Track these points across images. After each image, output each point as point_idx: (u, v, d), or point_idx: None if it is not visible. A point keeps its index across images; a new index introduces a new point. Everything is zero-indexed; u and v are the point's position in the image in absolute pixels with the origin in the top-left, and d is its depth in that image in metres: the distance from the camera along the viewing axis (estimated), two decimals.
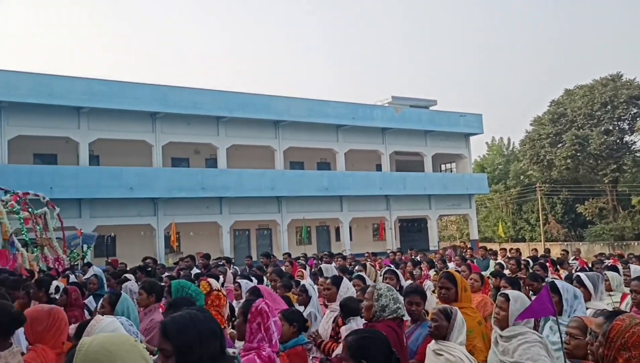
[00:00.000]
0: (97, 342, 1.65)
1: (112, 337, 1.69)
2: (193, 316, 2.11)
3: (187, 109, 26.74)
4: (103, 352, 1.62)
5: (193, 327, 2.06)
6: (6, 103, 22.95)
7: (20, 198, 14.12)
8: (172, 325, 2.07)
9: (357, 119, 31.49)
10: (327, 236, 34.00)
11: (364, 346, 2.82)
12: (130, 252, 23.69)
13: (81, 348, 1.64)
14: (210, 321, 2.14)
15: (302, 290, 5.97)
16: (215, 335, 2.10)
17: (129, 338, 1.69)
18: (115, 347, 1.64)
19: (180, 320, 2.09)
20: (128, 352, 1.65)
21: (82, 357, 1.61)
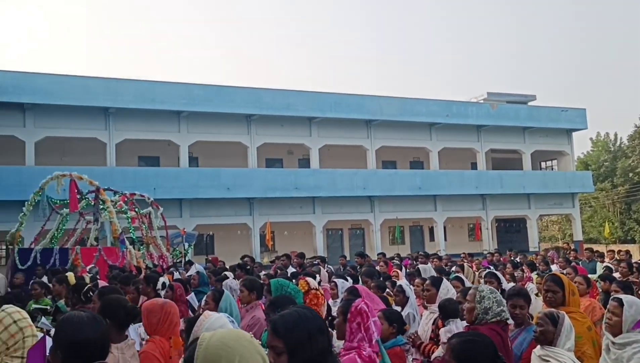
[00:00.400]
0: (216, 337, 1.70)
1: (230, 332, 1.74)
2: (301, 314, 2.14)
3: (280, 111, 27.30)
4: (223, 347, 1.66)
5: (302, 324, 2.10)
6: (113, 109, 24.46)
7: (128, 199, 14.97)
8: (283, 323, 2.11)
9: (451, 116, 30.80)
10: (420, 236, 33.53)
11: (469, 350, 2.73)
12: (228, 250, 24.50)
13: (202, 343, 1.69)
14: (317, 318, 2.16)
15: (400, 290, 5.90)
16: (322, 331, 2.12)
17: (246, 334, 1.73)
18: (234, 342, 1.68)
19: (290, 317, 2.13)
20: (246, 347, 1.68)
21: (204, 352, 1.66)
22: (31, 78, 23.05)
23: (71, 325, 2.25)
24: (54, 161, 22.94)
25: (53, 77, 23.57)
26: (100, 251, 11.80)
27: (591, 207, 47.75)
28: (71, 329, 2.23)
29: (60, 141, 24.18)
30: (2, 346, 2.59)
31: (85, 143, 24.71)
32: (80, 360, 2.18)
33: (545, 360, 3.76)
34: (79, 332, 2.22)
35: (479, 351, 2.73)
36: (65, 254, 11.54)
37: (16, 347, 2.61)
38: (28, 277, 10.02)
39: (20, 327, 2.66)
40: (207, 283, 8.82)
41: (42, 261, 11.22)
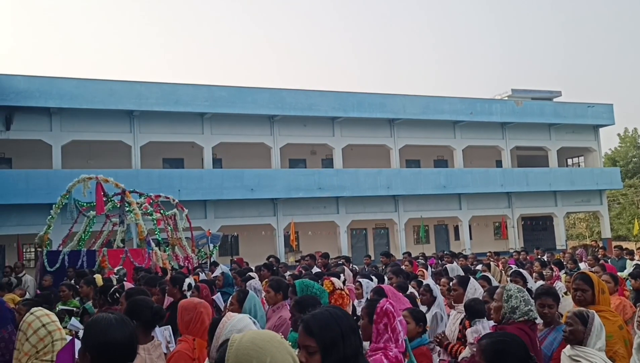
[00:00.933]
0: (247, 338, 1.70)
1: (261, 333, 1.74)
2: (333, 313, 2.13)
3: (303, 111, 27.33)
4: (253, 348, 1.66)
5: (335, 323, 2.09)
6: (138, 112, 24.76)
7: (153, 201, 15.13)
8: (315, 322, 2.10)
9: (475, 114, 30.49)
10: (445, 235, 33.28)
11: (501, 350, 2.69)
12: (252, 251, 24.62)
13: (233, 344, 1.70)
14: (348, 317, 2.15)
15: (427, 289, 5.84)
16: (354, 330, 2.12)
17: (277, 335, 1.73)
18: (265, 342, 1.68)
19: (322, 317, 2.12)
20: (277, 348, 1.68)
21: (235, 352, 1.67)
22: (57, 83, 23.44)
23: (99, 326, 2.27)
24: (80, 164, 23.32)
25: (78, 82, 23.94)
26: (126, 253, 11.94)
27: (619, 204, 46.85)
28: (99, 331, 2.25)
29: (86, 145, 24.55)
30: (32, 350, 2.62)
31: (110, 146, 25.05)
32: (109, 361, 2.19)
33: (575, 360, 3.70)
34: (107, 334, 2.23)
35: (510, 352, 2.69)
36: (93, 256, 11.70)
37: (45, 350, 2.63)
38: (56, 279, 10.18)
39: (49, 331, 2.69)
40: (232, 284, 8.87)
41: (70, 264, 11.38)
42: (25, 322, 2.68)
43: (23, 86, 22.75)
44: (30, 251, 24.03)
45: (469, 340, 4.29)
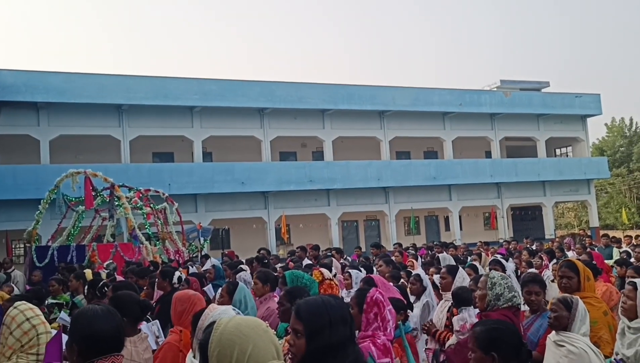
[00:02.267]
0: (232, 323, 1.71)
1: (247, 320, 1.75)
2: (326, 301, 2.17)
3: (293, 104, 27.30)
4: (238, 334, 1.68)
5: (325, 310, 2.12)
6: (127, 106, 24.60)
7: (143, 194, 15.07)
8: (306, 307, 2.14)
9: (464, 105, 30.59)
10: (436, 226, 33.43)
11: (494, 338, 2.73)
12: (244, 244, 24.62)
13: (218, 328, 1.71)
14: (341, 307, 2.18)
15: (416, 279, 5.89)
16: (345, 321, 2.14)
17: (262, 323, 1.74)
18: (250, 330, 1.70)
19: (314, 303, 2.16)
20: (260, 336, 1.70)
21: (219, 337, 1.68)
22: (44, 77, 23.23)
23: (86, 318, 2.28)
24: (69, 159, 23.16)
25: (66, 76, 23.74)
26: (116, 247, 11.92)
27: (607, 193, 47.25)
28: (86, 322, 2.26)
29: (74, 139, 24.39)
30: (16, 344, 2.61)
31: (99, 141, 24.90)
32: (96, 353, 2.20)
33: (560, 345, 3.75)
34: (94, 325, 2.24)
35: (503, 339, 2.73)
36: (82, 251, 11.67)
37: (30, 343, 2.63)
38: (46, 274, 10.15)
39: (33, 325, 2.68)
40: (223, 277, 8.88)
41: (60, 259, 11.34)
42: (9, 316, 2.68)
43: (9, 80, 22.52)
44: (19, 247, 23.89)
45: (455, 327, 4.34)
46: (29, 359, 2.60)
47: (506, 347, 2.70)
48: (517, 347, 2.72)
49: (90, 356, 2.20)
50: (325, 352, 2.10)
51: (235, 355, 1.65)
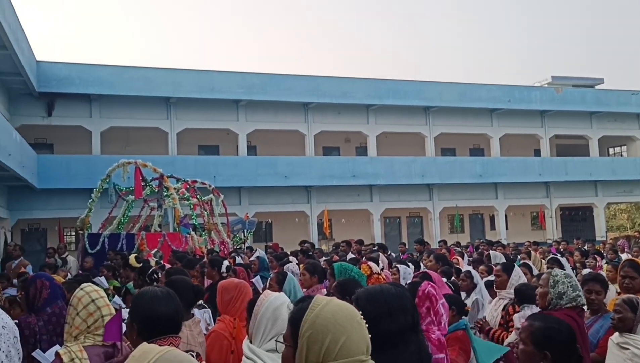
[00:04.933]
0: (329, 309, 1.65)
1: (344, 308, 1.68)
2: (385, 290, 2.11)
3: (337, 98, 27.25)
4: (333, 322, 1.63)
5: (383, 299, 2.06)
6: (175, 99, 25.03)
7: (190, 186, 15.29)
8: (364, 296, 2.09)
9: (513, 102, 29.94)
10: (480, 225, 32.86)
11: (550, 336, 2.62)
12: (286, 238, 24.71)
13: (314, 308, 1.66)
14: (402, 296, 2.10)
15: (467, 275, 5.76)
16: (405, 309, 2.07)
17: (357, 314, 1.68)
18: (346, 320, 1.64)
19: (372, 291, 2.11)
20: (355, 328, 1.64)
21: (313, 319, 1.63)
22: (96, 70, 23.83)
23: (146, 299, 2.29)
24: (118, 150, 23.71)
25: (117, 69, 24.29)
26: (164, 236, 12.10)
27: None
28: (146, 303, 2.27)
29: (124, 131, 24.98)
30: (83, 324, 2.65)
31: (147, 132, 25.42)
32: (155, 333, 2.21)
33: (623, 347, 3.61)
34: (153, 306, 2.26)
35: (559, 339, 2.63)
36: (132, 239, 11.90)
37: (96, 325, 2.66)
38: (97, 261, 10.40)
39: (98, 306, 2.71)
40: (267, 268, 8.92)
41: (110, 246, 11.61)
42: (76, 297, 2.72)
43: (64, 73, 23.20)
44: (70, 235, 24.62)
45: (516, 325, 4.21)
46: (95, 340, 2.63)
47: (561, 348, 2.61)
48: (571, 349, 2.62)
49: (149, 336, 2.21)
50: (384, 341, 2.05)
51: (327, 343, 1.60)
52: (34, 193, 22.10)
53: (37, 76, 22.34)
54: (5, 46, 17.26)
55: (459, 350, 4.15)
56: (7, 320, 2.10)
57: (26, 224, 24.21)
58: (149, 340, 2.18)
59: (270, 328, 2.63)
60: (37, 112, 23.46)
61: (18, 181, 19.86)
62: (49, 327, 3.30)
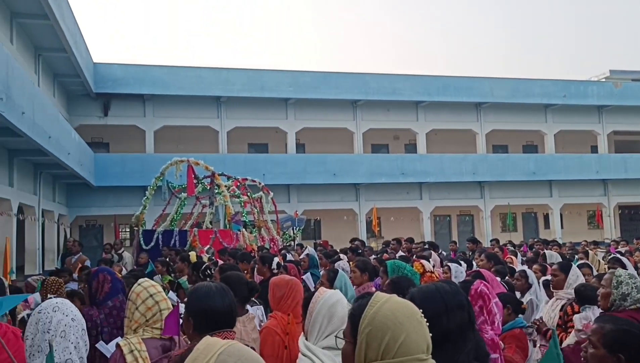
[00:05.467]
0: (389, 306, 1.64)
1: (404, 306, 1.67)
2: (440, 288, 2.07)
3: (386, 96, 27.10)
4: (393, 320, 1.62)
5: (439, 297, 2.03)
6: (225, 98, 25.42)
7: (240, 183, 15.51)
8: (420, 294, 2.06)
9: (568, 97, 29.06)
10: (534, 224, 32.04)
11: (624, 340, 2.52)
12: (334, 235, 24.75)
13: (374, 305, 1.65)
14: (457, 293, 2.07)
15: (522, 275, 5.62)
16: (462, 306, 2.03)
17: (418, 312, 1.66)
18: (406, 319, 1.63)
19: (427, 289, 2.08)
20: (415, 327, 1.63)
21: (373, 315, 1.63)
22: (149, 70, 24.46)
23: (201, 294, 2.33)
24: (171, 148, 24.27)
25: (169, 69, 24.85)
26: (216, 233, 12.31)
27: None
28: (201, 298, 2.31)
29: (176, 130, 25.54)
30: (142, 318, 2.73)
31: (198, 131, 25.92)
32: (210, 327, 2.25)
33: None
34: (208, 301, 2.29)
35: (632, 342, 2.53)
36: (184, 236, 12.15)
37: (154, 319, 2.73)
38: (151, 257, 10.66)
39: (156, 301, 2.78)
40: (316, 266, 8.93)
41: (164, 243, 11.88)
42: (134, 292, 2.80)
43: (119, 73, 23.92)
44: (125, 231, 25.36)
45: (576, 326, 4.08)
46: (154, 333, 2.70)
47: (635, 351, 2.50)
48: None
49: (205, 330, 2.25)
50: (443, 339, 2.02)
51: (387, 340, 1.60)
52: (91, 191, 22.89)
53: (94, 77, 23.11)
54: (64, 49, 17.94)
55: (515, 348, 4.05)
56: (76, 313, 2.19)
57: (84, 221, 25.09)
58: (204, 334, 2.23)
59: (326, 326, 2.63)
60: (94, 113, 24.27)
61: (76, 179, 20.60)
62: (109, 319, 3.40)
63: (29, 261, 17.41)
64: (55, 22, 15.86)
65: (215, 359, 1.38)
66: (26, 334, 2.14)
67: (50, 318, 2.14)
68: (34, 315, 2.15)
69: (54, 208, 20.19)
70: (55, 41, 17.31)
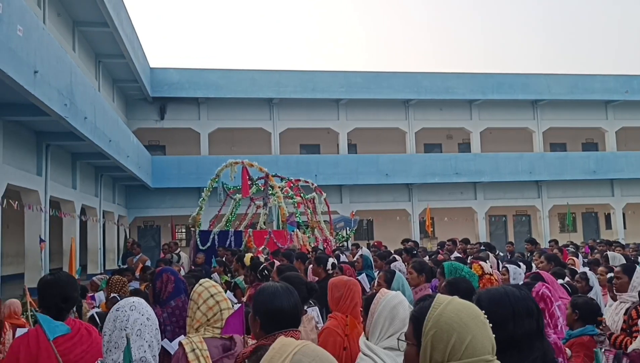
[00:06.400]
0: (453, 307, 1.64)
1: (468, 307, 1.67)
2: (509, 292, 2.04)
3: (439, 95, 26.78)
4: (458, 321, 1.61)
5: (508, 302, 1.99)
6: (277, 100, 25.70)
7: (294, 184, 15.63)
8: (488, 297, 2.03)
9: (631, 92, 27.97)
10: (595, 224, 30.98)
11: None
12: (387, 236, 24.62)
13: (437, 307, 1.65)
14: (526, 299, 2.03)
15: (582, 277, 5.45)
16: (530, 313, 2.00)
17: (481, 314, 1.65)
18: (470, 320, 1.62)
19: (496, 293, 2.04)
20: (480, 328, 1.62)
21: (437, 317, 1.63)
22: (204, 74, 24.99)
23: (267, 294, 2.38)
24: (225, 150, 24.74)
25: (223, 72, 25.32)
26: (270, 234, 12.44)
27: None
28: (267, 298, 2.36)
29: (229, 132, 25.99)
30: (203, 318, 2.80)
31: (251, 133, 26.30)
32: (277, 327, 2.30)
33: None
34: (275, 301, 2.34)
35: None
36: (240, 236, 12.33)
37: (215, 318, 2.80)
38: (207, 257, 10.87)
39: (217, 301, 2.85)
40: (370, 266, 8.91)
41: (220, 243, 12.09)
42: (196, 292, 2.87)
43: (175, 78, 24.55)
44: (181, 231, 26.01)
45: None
46: (214, 332, 2.78)
47: None
48: None
49: (272, 329, 2.30)
50: (508, 345, 1.98)
51: (453, 342, 1.59)
52: (148, 192, 23.58)
53: (150, 82, 23.80)
54: (123, 55, 18.55)
55: (583, 357, 3.94)
56: (151, 313, 2.27)
57: (142, 222, 25.86)
58: (271, 333, 2.27)
59: (388, 327, 2.63)
60: (151, 116, 24.99)
61: (135, 181, 21.27)
62: (172, 318, 3.50)
63: (91, 261, 18.10)
64: (115, 30, 16.43)
65: (291, 359, 1.42)
66: (104, 330, 2.25)
67: (127, 317, 2.23)
68: (112, 312, 2.25)
69: (114, 209, 20.90)
70: (114, 48, 17.94)
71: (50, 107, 9.67)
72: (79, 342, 2.77)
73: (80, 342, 2.77)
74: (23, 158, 12.12)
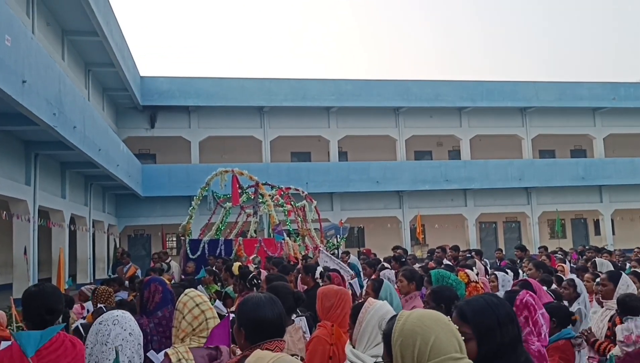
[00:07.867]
0: (414, 315, 1.71)
1: (428, 313, 1.75)
2: (489, 301, 2.07)
3: (429, 102, 26.93)
4: (420, 325, 1.67)
5: (491, 310, 2.03)
6: (268, 108, 25.73)
7: (284, 192, 15.63)
8: (471, 309, 2.06)
9: (618, 99, 28.25)
10: (584, 230, 31.17)
11: None
12: (378, 243, 24.63)
13: (400, 319, 1.72)
14: (505, 305, 2.07)
15: (570, 284, 5.49)
16: (512, 319, 2.03)
17: (443, 316, 1.72)
18: (432, 322, 1.69)
19: (477, 303, 2.08)
20: (442, 328, 1.68)
21: (401, 327, 1.69)
22: (194, 82, 24.99)
23: (251, 304, 2.39)
24: (215, 159, 24.71)
25: (213, 80, 25.34)
26: (260, 242, 12.43)
27: None
28: (251, 309, 2.37)
29: (220, 140, 25.97)
30: (189, 327, 2.81)
31: (242, 141, 26.29)
32: (261, 337, 2.31)
33: None
34: (258, 311, 2.36)
35: None
36: (230, 245, 12.31)
37: (201, 327, 2.81)
38: (198, 266, 10.84)
39: (202, 310, 2.86)
40: (358, 274, 8.92)
41: (210, 252, 12.06)
42: (181, 302, 2.88)
43: (165, 86, 24.53)
44: (172, 240, 25.90)
45: (618, 337, 3.96)
46: (200, 342, 2.79)
47: None
48: None
49: (256, 340, 2.32)
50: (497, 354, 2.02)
51: (418, 345, 1.64)
52: (139, 201, 23.48)
53: (141, 90, 23.76)
54: (113, 64, 18.52)
55: (558, 360, 3.97)
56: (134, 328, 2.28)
57: (132, 231, 25.74)
58: (256, 344, 2.29)
59: (375, 336, 2.67)
60: (141, 125, 24.93)
61: (125, 190, 21.17)
62: (159, 329, 3.49)
63: (80, 270, 17.99)
64: (104, 38, 16.41)
65: None
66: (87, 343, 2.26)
67: (109, 331, 2.24)
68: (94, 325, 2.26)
69: (104, 219, 20.80)
70: (104, 57, 17.91)
71: (39, 117, 9.63)
72: (62, 354, 2.76)
73: (64, 354, 2.76)
74: (11, 168, 12.06)
